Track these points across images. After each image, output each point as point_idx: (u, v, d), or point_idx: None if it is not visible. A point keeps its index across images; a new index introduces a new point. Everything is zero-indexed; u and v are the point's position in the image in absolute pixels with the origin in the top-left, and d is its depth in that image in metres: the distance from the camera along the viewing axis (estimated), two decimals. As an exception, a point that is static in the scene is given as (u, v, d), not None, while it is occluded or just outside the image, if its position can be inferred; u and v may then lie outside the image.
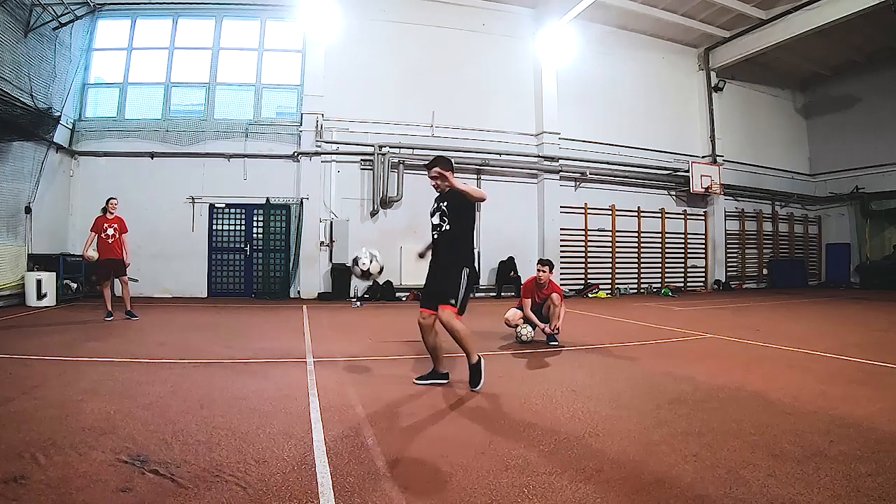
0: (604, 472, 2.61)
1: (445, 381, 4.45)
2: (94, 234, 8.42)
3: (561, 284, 15.00)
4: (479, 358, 4.30)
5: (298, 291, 13.11)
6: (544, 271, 6.61)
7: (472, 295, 4.41)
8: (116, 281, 8.60)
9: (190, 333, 7.49)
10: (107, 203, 8.59)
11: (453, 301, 4.17)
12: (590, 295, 15.01)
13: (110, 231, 8.38)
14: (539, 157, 15.06)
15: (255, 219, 13.47)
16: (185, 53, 13.70)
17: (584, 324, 9.15)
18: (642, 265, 16.68)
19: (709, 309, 11.44)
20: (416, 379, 4.50)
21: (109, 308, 8.31)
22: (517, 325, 6.65)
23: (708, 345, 6.70)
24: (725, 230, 17.92)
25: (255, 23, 14.00)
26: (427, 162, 4.39)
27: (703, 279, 17.62)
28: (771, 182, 19.11)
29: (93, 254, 8.44)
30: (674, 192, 17.22)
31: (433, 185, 4.35)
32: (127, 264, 8.62)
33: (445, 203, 4.32)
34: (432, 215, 4.42)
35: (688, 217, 17.43)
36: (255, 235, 13.48)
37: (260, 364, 5.25)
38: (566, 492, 2.39)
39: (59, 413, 3.42)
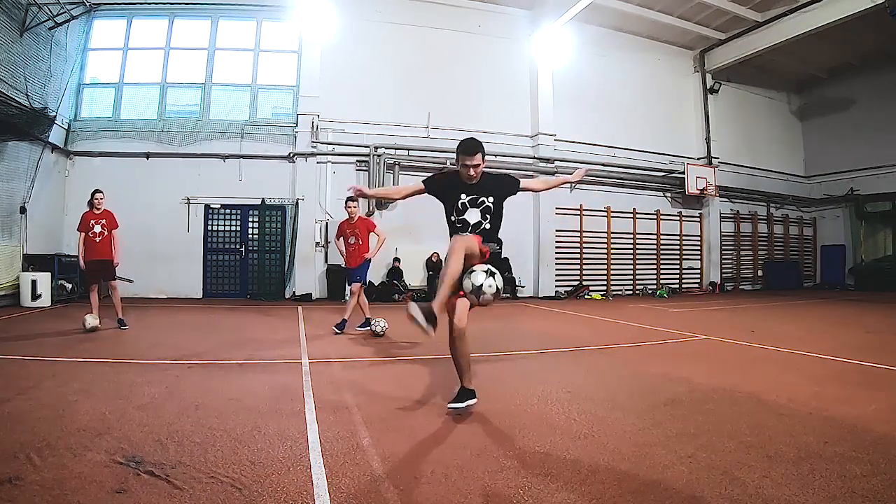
0: (599, 474, 2.61)
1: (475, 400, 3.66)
2: (81, 233, 7.53)
3: (556, 286, 15.09)
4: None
5: (294, 292, 13.08)
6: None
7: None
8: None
9: (185, 334, 7.47)
10: (92, 197, 7.62)
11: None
12: (585, 296, 15.02)
13: (97, 228, 7.48)
14: (535, 158, 15.08)
15: (250, 220, 13.45)
16: (180, 54, 13.67)
17: (579, 325, 9.17)
18: (637, 267, 16.70)
19: (704, 310, 11.47)
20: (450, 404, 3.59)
21: (96, 315, 7.27)
22: None
23: (703, 346, 6.71)
24: (721, 232, 17.98)
25: (252, 23, 13.99)
26: (465, 139, 3.71)
27: (698, 281, 17.66)
28: (766, 184, 19.18)
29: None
30: (669, 194, 17.26)
31: (469, 174, 3.69)
32: (116, 264, 7.72)
33: (491, 198, 3.77)
34: (463, 210, 3.75)
35: (683, 219, 17.47)
36: (250, 236, 13.46)
37: (255, 365, 5.24)
38: (562, 493, 2.39)
39: (54, 414, 3.40)
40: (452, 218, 3.83)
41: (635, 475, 2.60)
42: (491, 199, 3.78)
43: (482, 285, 3.21)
